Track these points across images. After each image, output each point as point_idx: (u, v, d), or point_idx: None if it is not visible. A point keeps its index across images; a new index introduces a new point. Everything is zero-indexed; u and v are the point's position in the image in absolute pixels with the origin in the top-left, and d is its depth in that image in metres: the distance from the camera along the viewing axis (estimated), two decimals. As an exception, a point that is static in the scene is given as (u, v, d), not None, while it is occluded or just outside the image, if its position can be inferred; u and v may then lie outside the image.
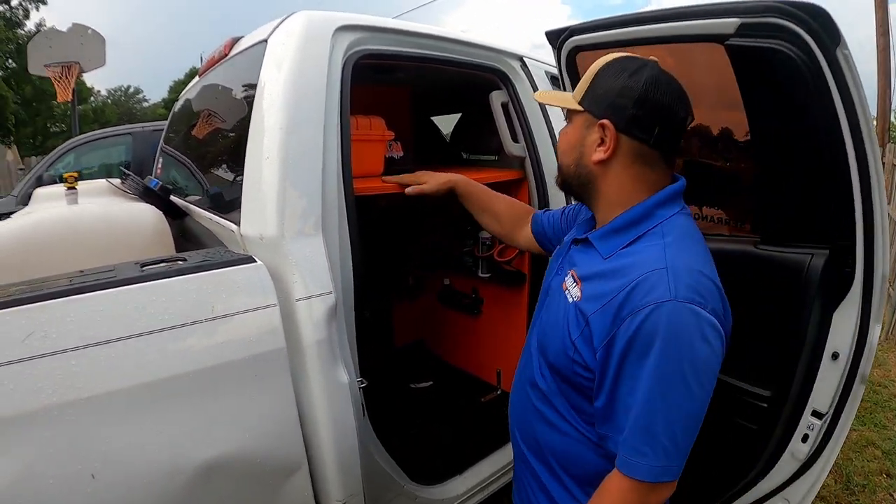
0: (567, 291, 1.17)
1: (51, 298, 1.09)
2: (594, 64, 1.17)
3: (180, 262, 1.29)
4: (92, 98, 30.38)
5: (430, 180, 1.85)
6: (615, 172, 1.15)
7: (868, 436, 3.48)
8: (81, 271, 1.28)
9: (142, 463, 1.14)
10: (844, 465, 3.14)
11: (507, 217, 1.79)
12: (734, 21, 1.35)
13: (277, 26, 1.67)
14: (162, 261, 1.31)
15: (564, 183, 1.26)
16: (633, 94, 1.09)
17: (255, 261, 1.32)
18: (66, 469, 1.06)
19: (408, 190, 1.86)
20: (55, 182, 5.83)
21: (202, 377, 1.19)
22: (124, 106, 38.12)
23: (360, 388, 1.50)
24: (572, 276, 1.17)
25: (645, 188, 1.14)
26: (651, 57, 1.15)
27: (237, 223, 1.51)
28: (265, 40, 1.66)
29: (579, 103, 1.16)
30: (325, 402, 1.37)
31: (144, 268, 1.26)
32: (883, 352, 4.74)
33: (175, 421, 1.17)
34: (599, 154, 1.13)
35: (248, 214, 1.47)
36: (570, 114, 1.21)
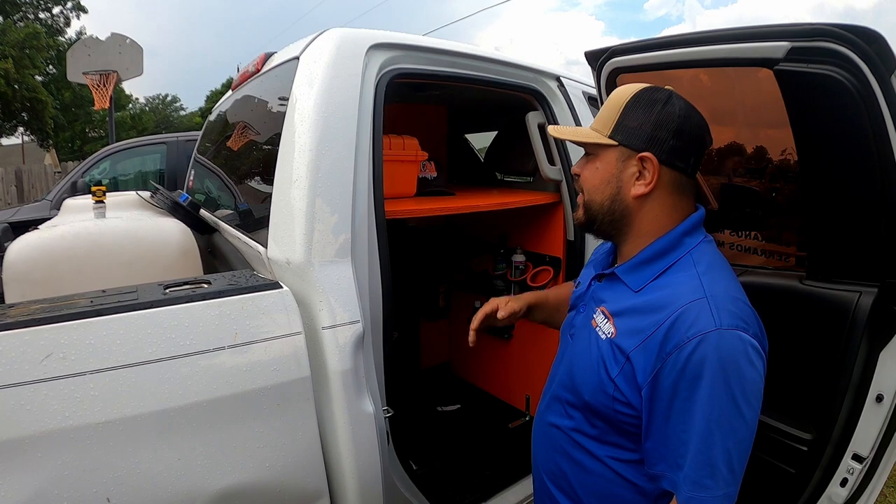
0: (598, 328, 1.13)
1: (71, 319, 1.08)
2: (616, 97, 1.14)
3: (204, 286, 1.27)
4: (130, 105, 31.17)
5: (509, 303, 1.51)
6: (652, 205, 1.12)
7: (906, 472, 3.34)
8: (103, 291, 1.27)
9: (158, 489, 1.12)
10: (878, 501, 3.01)
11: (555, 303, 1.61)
12: (784, 45, 1.29)
13: (310, 43, 1.65)
14: (186, 283, 1.29)
15: (591, 221, 1.19)
16: (671, 126, 1.08)
17: (281, 286, 1.30)
18: (82, 493, 1.04)
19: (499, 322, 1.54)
20: (89, 188, 5.97)
21: (222, 405, 1.17)
22: (162, 114, 39.02)
23: (385, 417, 1.46)
24: (602, 312, 1.14)
25: (676, 218, 1.13)
26: (667, 86, 1.14)
27: (264, 245, 1.49)
28: (297, 57, 1.64)
29: (611, 137, 1.11)
30: (349, 433, 1.33)
31: (167, 290, 1.24)
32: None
33: (193, 448, 1.15)
34: (640, 188, 1.11)
35: (276, 237, 1.44)
36: (594, 148, 1.15)
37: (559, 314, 1.51)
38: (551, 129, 1.26)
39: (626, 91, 1.13)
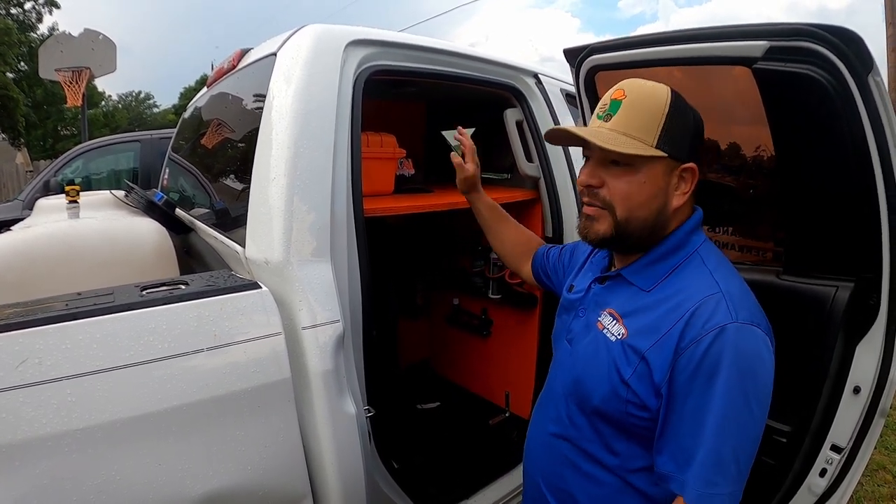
0: (606, 330, 1.12)
1: (46, 324, 1.05)
2: (650, 101, 1.06)
3: (182, 287, 1.25)
4: (103, 102, 30.63)
5: (474, 167, 1.73)
6: (680, 212, 1.12)
7: (879, 460, 3.43)
8: (79, 294, 1.23)
9: (140, 496, 1.09)
10: (855, 491, 3.08)
11: (511, 245, 1.73)
12: (763, 44, 1.31)
13: (287, 40, 1.63)
14: (163, 284, 1.27)
15: (623, 237, 1.10)
16: (700, 131, 1.11)
17: (259, 287, 1.28)
18: (62, 501, 1.02)
19: (455, 160, 1.73)
20: (62, 187, 5.87)
21: (203, 408, 1.15)
22: (135, 111, 38.38)
23: (366, 416, 1.45)
24: (610, 314, 1.13)
25: (682, 218, 1.13)
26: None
27: (242, 245, 1.47)
28: (274, 54, 1.62)
29: (659, 148, 1.04)
30: (331, 434, 1.31)
31: (144, 292, 1.22)
32: None
33: (174, 453, 1.13)
34: (680, 199, 1.09)
35: (254, 237, 1.42)
36: (635, 160, 1.05)
37: (504, 243, 1.73)
38: (600, 142, 1.04)
39: (658, 95, 1.07)
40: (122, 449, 1.08)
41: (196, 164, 2.61)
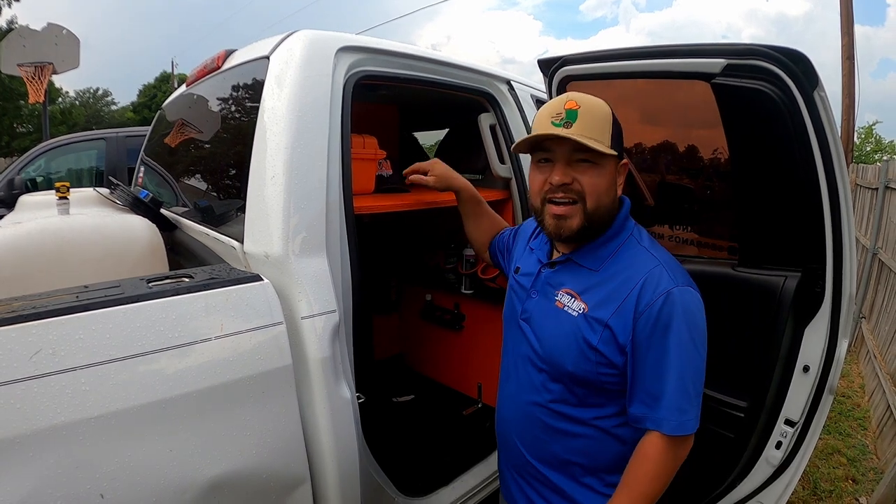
0: (567, 308, 1.31)
1: (59, 315, 1.08)
2: (601, 109, 1.26)
3: (187, 280, 1.31)
4: (60, 99, 29.59)
5: (438, 175, 1.85)
6: (618, 201, 1.36)
7: (834, 444, 3.62)
8: (86, 286, 1.27)
9: (151, 481, 1.12)
10: (812, 472, 3.27)
11: (481, 234, 1.87)
12: (721, 62, 1.47)
13: (279, 44, 1.68)
14: (167, 277, 1.32)
15: (591, 226, 1.28)
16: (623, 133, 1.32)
17: (261, 279, 1.34)
18: (76, 489, 1.04)
19: (411, 178, 1.89)
20: (27, 186, 5.75)
21: (211, 395, 1.20)
22: (92, 108, 37.12)
23: (357, 402, 1.53)
24: (567, 293, 1.32)
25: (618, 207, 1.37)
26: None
27: (239, 240, 1.53)
28: (266, 57, 1.68)
29: (612, 148, 1.25)
30: (329, 418, 1.39)
31: (151, 284, 1.27)
32: (846, 364, 4.92)
33: (184, 438, 1.17)
34: (620, 189, 1.34)
35: (253, 232, 1.49)
36: (600, 158, 1.24)
37: (482, 231, 1.86)
38: (584, 140, 1.21)
39: (604, 106, 1.28)
40: (133, 437, 1.11)
41: (179, 162, 2.63)
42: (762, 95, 1.43)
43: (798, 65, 1.38)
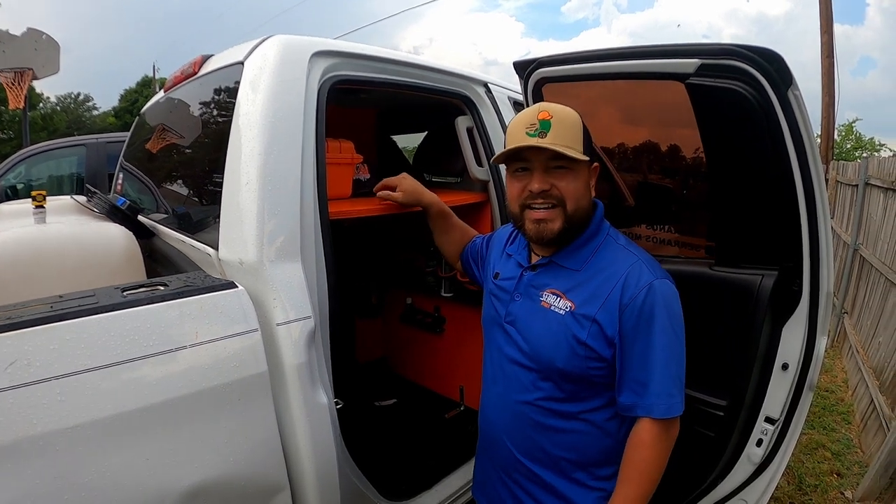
0: (553, 307, 1.35)
1: (33, 325, 1.07)
2: (570, 119, 1.33)
3: (161, 288, 1.30)
4: (41, 104, 29.27)
5: (406, 191, 1.89)
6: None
7: (818, 439, 3.65)
8: (60, 296, 1.26)
9: (128, 491, 1.12)
10: (797, 467, 3.30)
11: (451, 245, 1.90)
12: (695, 62, 1.47)
13: (254, 49, 1.67)
14: (142, 286, 1.31)
15: (571, 228, 1.36)
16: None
17: (236, 286, 1.34)
18: (53, 500, 1.04)
19: (379, 194, 1.92)
20: (7, 193, 5.67)
21: (187, 403, 1.20)
22: (74, 113, 36.72)
23: (336, 408, 1.52)
24: (553, 293, 1.37)
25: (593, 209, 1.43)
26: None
27: (214, 247, 1.52)
28: (241, 62, 1.67)
29: (585, 153, 1.32)
30: (306, 424, 1.39)
31: (126, 293, 1.26)
32: (829, 359, 4.98)
33: (161, 447, 1.16)
34: (593, 191, 1.41)
35: (227, 239, 1.48)
36: (575, 164, 1.32)
37: (452, 243, 1.90)
38: (562, 150, 1.28)
39: (574, 114, 1.35)
40: (110, 446, 1.10)
41: (157, 164, 2.60)
42: (737, 95, 1.44)
43: (772, 64, 1.39)
